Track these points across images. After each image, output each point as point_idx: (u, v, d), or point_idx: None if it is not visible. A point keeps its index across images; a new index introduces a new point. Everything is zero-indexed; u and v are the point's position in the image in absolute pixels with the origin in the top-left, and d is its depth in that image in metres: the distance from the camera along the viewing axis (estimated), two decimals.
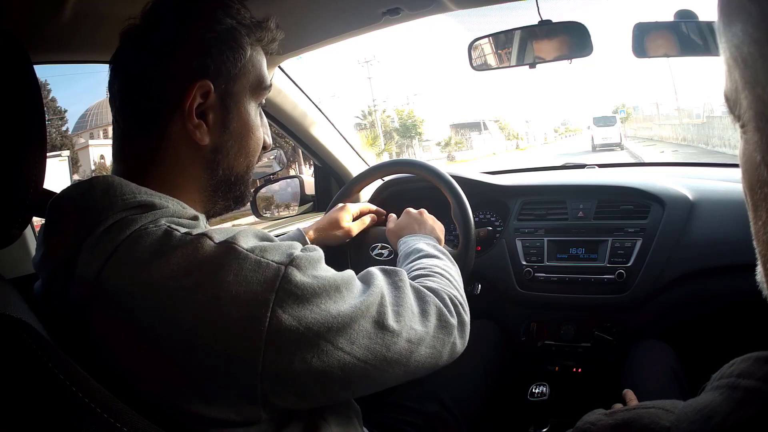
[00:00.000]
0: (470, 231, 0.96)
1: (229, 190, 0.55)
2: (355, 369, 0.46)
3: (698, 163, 1.70)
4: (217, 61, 0.49)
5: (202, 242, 0.42)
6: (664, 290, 0.99)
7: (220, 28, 0.50)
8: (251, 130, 0.54)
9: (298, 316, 0.42)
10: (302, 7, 0.89)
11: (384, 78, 53.10)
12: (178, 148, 0.50)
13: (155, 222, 0.44)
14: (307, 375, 0.43)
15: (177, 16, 0.49)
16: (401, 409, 0.83)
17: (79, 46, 0.81)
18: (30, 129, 0.47)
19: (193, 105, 0.48)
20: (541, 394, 0.98)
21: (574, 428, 0.34)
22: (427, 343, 0.52)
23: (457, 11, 0.91)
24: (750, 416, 0.23)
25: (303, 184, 1.39)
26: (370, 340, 0.47)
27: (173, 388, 0.42)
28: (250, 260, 0.42)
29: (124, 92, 0.50)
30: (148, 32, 0.50)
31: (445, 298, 0.58)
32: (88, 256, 0.43)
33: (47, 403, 0.37)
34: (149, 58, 0.49)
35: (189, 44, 0.48)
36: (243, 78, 0.52)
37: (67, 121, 21.89)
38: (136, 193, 0.46)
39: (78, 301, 0.43)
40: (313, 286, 0.44)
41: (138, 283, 0.41)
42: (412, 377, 0.54)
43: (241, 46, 0.51)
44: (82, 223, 0.44)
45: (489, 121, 42.16)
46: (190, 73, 0.48)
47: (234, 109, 0.52)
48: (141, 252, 0.42)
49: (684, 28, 0.93)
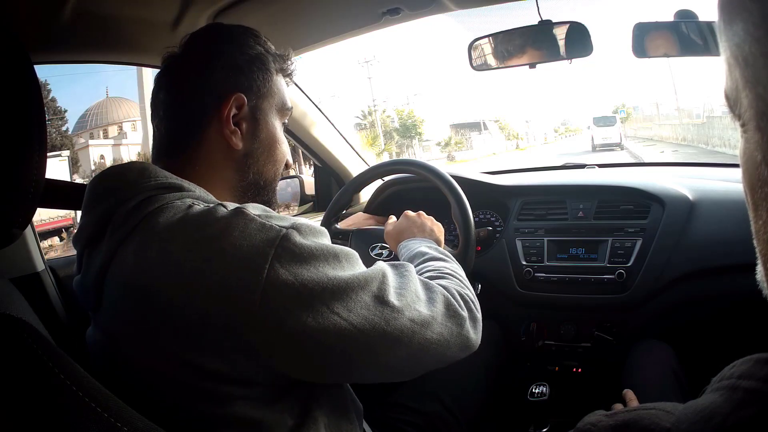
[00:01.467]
0: (470, 231, 0.96)
1: (257, 194, 0.61)
2: (352, 338, 0.46)
3: (698, 163, 1.70)
4: (249, 78, 0.57)
5: (217, 209, 0.47)
6: (664, 290, 0.99)
7: (252, 52, 0.58)
8: (278, 142, 0.62)
9: (294, 273, 0.44)
10: (302, 7, 0.89)
11: (384, 78, 53.07)
12: (213, 153, 0.57)
13: (181, 199, 0.49)
14: (302, 335, 0.44)
15: (211, 42, 0.58)
16: (402, 408, 0.83)
17: (79, 46, 0.81)
18: (30, 129, 0.47)
19: (230, 113, 0.56)
20: (541, 394, 0.98)
21: (575, 429, 0.34)
22: (434, 328, 0.52)
23: (457, 11, 0.91)
24: (750, 417, 0.23)
25: (303, 184, 1.39)
26: (369, 311, 0.47)
27: (171, 335, 0.44)
28: (256, 222, 0.46)
29: (168, 102, 0.58)
30: (187, 55, 0.58)
31: (454, 293, 0.59)
32: (116, 227, 0.48)
33: (47, 403, 0.37)
34: (192, 74, 0.57)
35: (225, 63, 0.57)
36: (270, 97, 0.60)
37: (67, 121, 21.90)
38: (168, 177, 0.52)
39: (99, 269, 0.48)
40: (312, 249, 0.46)
41: (155, 245, 0.46)
42: (420, 366, 0.54)
43: (268, 69, 0.59)
44: (114, 199, 0.50)
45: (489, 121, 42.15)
46: (228, 86, 0.56)
47: (263, 122, 0.59)
48: (163, 220, 0.47)
49: (684, 28, 0.93)
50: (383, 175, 1.17)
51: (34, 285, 0.77)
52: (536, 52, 0.97)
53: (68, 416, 0.37)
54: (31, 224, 0.76)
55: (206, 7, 0.83)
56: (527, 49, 0.98)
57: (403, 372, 0.55)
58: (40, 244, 0.82)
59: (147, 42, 0.84)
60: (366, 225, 1.06)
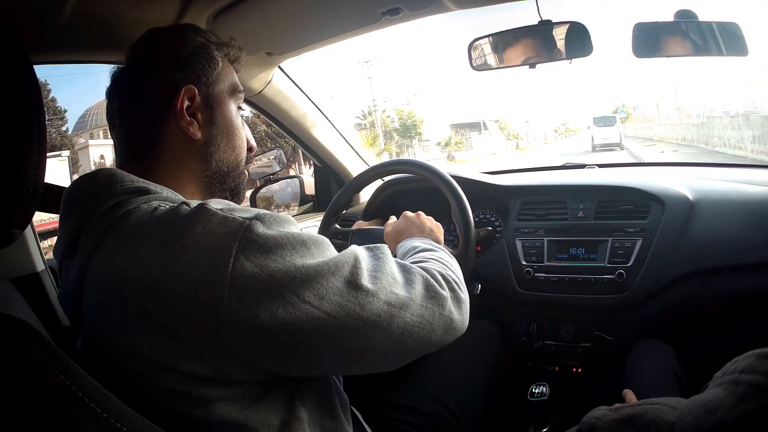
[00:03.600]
0: (470, 231, 0.96)
1: (223, 181, 0.61)
2: (327, 327, 0.45)
3: (698, 163, 1.70)
4: (196, 69, 0.58)
5: (180, 207, 0.47)
6: (664, 290, 0.99)
7: (193, 44, 0.59)
8: (235, 127, 0.62)
9: (260, 264, 0.44)
10: (302, 7, 0.89)
11: (384, 78, 53.12)
12: (175, 147, 0.58)
13: (148, 202, 0.50)
14: (275, 327, 0.44)
15: (154, 44, 0.60)
16: (401, 408, 0.83)
17: (79, 46, 0.81)
18: (30, 129, 0.47)
19: (182, 106, 0.57)
20: (541, 394, 0.97)
21: (580, 423, 0.34)
22: (412, 310, 0.51)
23: (457, 11, 0.91)
24: (753, 410, 0.24)
25: (303, 184, 1.39)
26: (342, 297, 0.46)
27: (145, 339, 0.44)
28: (218, 216, 0.45)
29: (122, 110, 0.59)
30: (131, 63, 0.59)
31: (434, 273, 0.57)
32: (88, 235, 0.49)
33: (47, 403, 0.37)
34: (139, 78, 0.58)
35: (170, 60, 0.58)
36: (220, 83, 0.61)
37: (67, 121, 21.85)
38: (135, 181, 0.52)
39: (76, 278, 0.49)
40: (277, 238, 0.45)
41: (123, 249, 0.47)
42: (404, 353, 0.52)
43: (213, 57, 0.60)
44: (85, 207, 0.50)
45: (489, 121, 42.09)
46: (176, 81, 0.57)
47: (217, 108, 0.60)
48: (130, 224, 0.47)
49: (684, 28, 0.93)
50: (383, 175, 1.17)
51: (34, 285, 0.77)
52: (536, 52, 0.97)
53: (68, 416, 0.37)
54: (31, 224, 0.76)
55: (206, 8, 0.83)
56: (527, 49, 0.98)
57: (388, 360, 0.52)
58: (40, 244, 0.82)
59: None
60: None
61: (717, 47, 0.92)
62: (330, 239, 0.53)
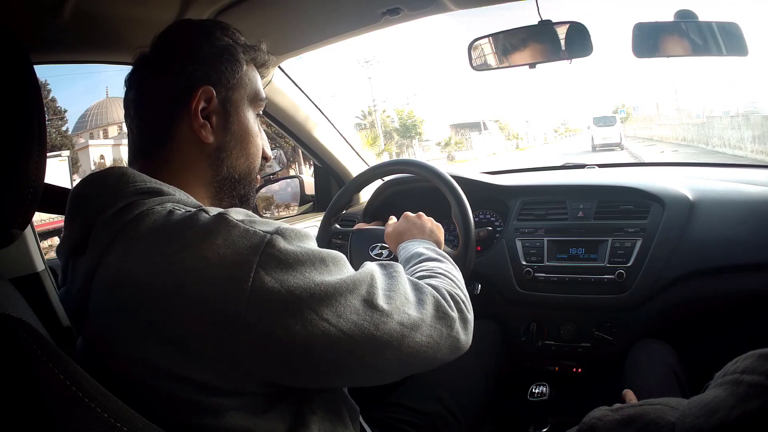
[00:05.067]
0: (470, 231, 0.96)
1: (233, 188, 0.59)
2: (341, 345, 0.45)
3: (698, 163, 1.70)
4: (217, 71, 0.56)
5: (199, 215, 0.46)
6: (664, 290, 0.99)
7: (219, 44, 0.57)
8: (251, 134, 0.60)
9: (280, 279, 0.43)
10: (302, 7, 0.89)
11: (384, 78, 53.19)
12: (186, 148, 0.56)
13: (162, 204, 0.48)
14: (291, 343, 0.43)
15: (179, 36, 0.58)
16: (401, 408, 0.83)
17: (79, 46, 0.81)
18: (30, 129, 0.47)
19: (198, 107, 0.54)
20: (541, 394, 0.97)
21: (581, 423, 0.34)
22: (423, 331, 0.51)
23: (457, 11, 0.91)
24: (753, 410, 0.24)
25: (303, 184, 1.39)
26: (358, 316, 0.46)
27: (157, 348, 0.43)
28: (239, 228, 0.45)
29: (138, 100, 0.57)
30: (155, 52, 0.57)
31: (444, 293, 0.58)
32: (98, 235, 0.47)
33: (47, 403, 0.37)
34: (159, 70, 0.56)
35: (191, 57, 0.55)
36: (241, 89, 0.58)
37: (67, 121, 21.86)
38: (147, 181, 0.50)
39: (84, 280, 0.47)
40: (297, 254, 0.45)
41: (137, 253, 0.45)
42: (409, 369, 0.53)
43: (237, 61, 0.58)
44: (95, 207, 0.49)
45: (489, 121, 42.07)
46: (195, 80, 0.55)
47: (234, 114, 0.58)
48: (143, 228, 0.46)
49: (684, 28, 0.93)
50: (383, 176, 1.17)
51: (34, 285, 0.77)
52: (536, 52, 0.97)
53: (68, 416, 0.37)
54: (31, 224, 0.76)
55: (206, 7, 0.83)
56: (527, 49, 0.98)
57: (391, 375, 0.53)
58: (40, 244, 0.82)
59: (147, 42, 0.84)
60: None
61: (717, 47, 0.93)
62: (330, 239, 0.53)
